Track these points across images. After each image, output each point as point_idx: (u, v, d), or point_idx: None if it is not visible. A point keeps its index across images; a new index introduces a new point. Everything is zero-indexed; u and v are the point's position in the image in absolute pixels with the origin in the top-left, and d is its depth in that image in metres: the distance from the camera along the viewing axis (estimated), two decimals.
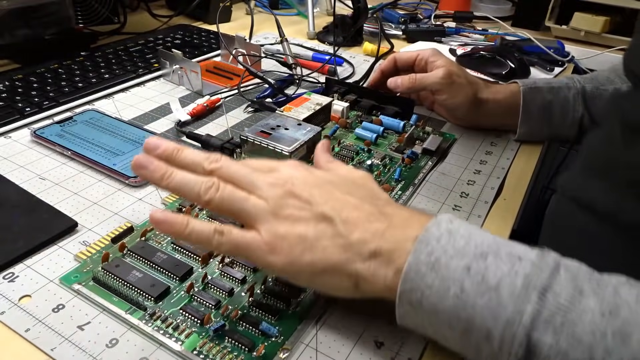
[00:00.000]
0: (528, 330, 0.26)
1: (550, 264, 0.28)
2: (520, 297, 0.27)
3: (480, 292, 0.28)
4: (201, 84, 0.67)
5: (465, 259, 0.29)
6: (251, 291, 0.36)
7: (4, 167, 0.50)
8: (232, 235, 0.32)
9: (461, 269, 0.29)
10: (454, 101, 0.60)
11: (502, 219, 0.49)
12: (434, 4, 1.19)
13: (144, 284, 0.36)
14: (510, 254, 0.29)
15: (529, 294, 0.27)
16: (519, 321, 0.26)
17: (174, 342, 0.33)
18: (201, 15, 0.99)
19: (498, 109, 0.61)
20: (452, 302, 0.28)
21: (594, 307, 0.26)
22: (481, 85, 0.61)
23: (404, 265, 0.30)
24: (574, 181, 0.51)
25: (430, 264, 0.29)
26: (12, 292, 0.36)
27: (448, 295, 0.28)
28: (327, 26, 0.95)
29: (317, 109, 0.58)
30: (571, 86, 0.61)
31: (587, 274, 0.28)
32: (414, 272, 0.29)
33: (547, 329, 0.26)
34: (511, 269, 0.28)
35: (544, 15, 1.02)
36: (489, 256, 0.29)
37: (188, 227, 0.32)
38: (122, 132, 0.56)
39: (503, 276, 0.28)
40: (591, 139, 0.53)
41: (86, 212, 0.45)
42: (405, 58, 0.64)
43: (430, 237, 0.30)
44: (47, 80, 0.66)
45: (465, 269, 0.28)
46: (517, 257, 0.28)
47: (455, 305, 0.28)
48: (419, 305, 0.30)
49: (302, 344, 0.34)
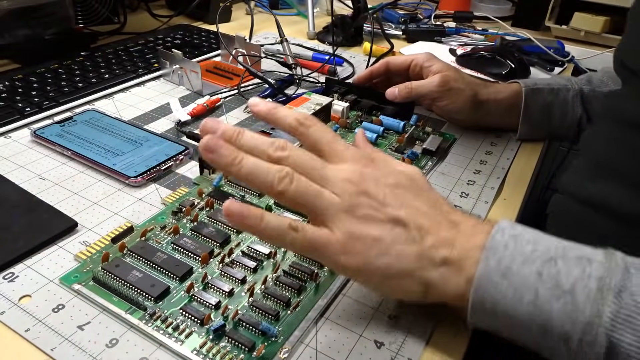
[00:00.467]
0: (608, 331, 0.27)
1: (620, 264, 0.28)
2: (597, 299, 0.27)
3: (555, 296, 0.28)
4: (201, 84, 0.67)
5: (536, 264, 0.29)
6: (251, 291, 0.36)
7: (4, 167, 0.50)
8: (307, 233, 0.31)
9: (534, 275, 0.29)
10: (454, 106, 0.60)
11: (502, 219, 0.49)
12: (434, 4, 1.19)
13: (144, 284, 0.36)
14: (579, 257, 0.29)
15: (605, 296, 0.27)
16: (598, 323, 0.27)
17: (174, 342, 0.33)
18: (201, 15, 0.99)
19: (498, 109, 0.61)
20: (527, 309, 0.29)
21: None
22: (480, 85, 0.61)
23: (474, 273, 0.30)
24: (574, 179, 0.51)
25: (501, 272, 0.29)
26: (12, 292, 0.36)
27: (523, 302, 0.29)
28: (327, 26, 0.95)
29: (317, 109, 0.58)
30: (570, 88, 0.61)
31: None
32: (486, 280, 0.30)
33: (626, 328, 0.26)
34: (583, 272, 0.28)
35: (544, 15, 1.02)
36: (559, 260, 0.29)
37: (263, 222, 0.31)
38: (122, 132, 0.56)
39: (576, 280, 0.28)
40: (588, 137, 0.53)
41: (86, 212, 0.45)
42: (399, 63, 0.63)
43: (497, 245, 0.30)
44: (47, 80, 0.66)
45: (537, 274, 0.29)
46: (587, 260, 0.29)
47: (531, 311, 0.29)
48: (493, 312, 0.30)
49: (302, 344, 0.34)
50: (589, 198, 0.48)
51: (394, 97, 0.61)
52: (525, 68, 0.79)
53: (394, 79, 0.66)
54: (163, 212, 0.44)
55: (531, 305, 0.29)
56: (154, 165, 0.50)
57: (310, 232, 0.32)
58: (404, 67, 0.63)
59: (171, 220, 0.43)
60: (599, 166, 0.49)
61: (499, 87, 0.62)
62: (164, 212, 0.44)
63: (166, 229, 0.42)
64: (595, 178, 0.48)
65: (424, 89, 0.59)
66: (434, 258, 0.31)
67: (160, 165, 0.50)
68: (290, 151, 0.33)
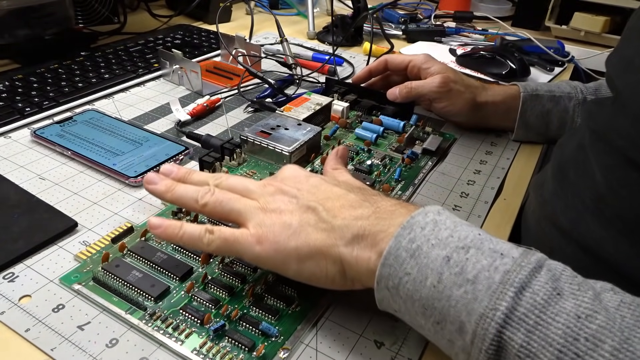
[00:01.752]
0: (500, 327, 0.26)
1: (532, 262, 0.27)
2: (497, 292, 0.26)
3: (457, 283, 0.27)
4: (201, 84, 0.67)
5: (447, 250, 0.29)
6: (251, 291, 0.36)
7: (4, 167, 0.50)
8: (222, 233, 0.34)
9: (441, 259, 0.28)
10: (453, 108, 0.60)
11: (502, 219, 0.49)
12: (434, 4, 1.19)
13: (144, 284, 0.36)
14: (493, 249, 0.28)
15: (506, 290, 0.26)
16: (492, 317, 0.26)
17: (174, 342, 0.33)
18: (201, 15, 0.99)
19: (496, 112, 0.61)
20: (428, 292, 0.28)
21: (571, 309, 0.25)
22: (479, 87, 0.61)
23: (385, 248, 0.30)
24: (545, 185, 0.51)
25: (411, 250, 0.29)
26: (12, 292, 0.36)
27: (425, 284, 0.28)
28: (327, 26, 0.95)
29: (317, 109, 0.58)
30: (572, 96, 0.60)
31: (569, 277, 0.27)
32: (394, 257, 0.30)
33: (520, 327, 0.26)
34: (491, 264, 0.27)
35: (544, 15, 1.02)
36: (471, 249, 0.28)
37: (181, 230, 0.35)
38: (122, 132, 0.56)
39: (482, 270, 0.27)
40: (566, 141, 0.52)
41: (86, 212, 0.45)
42: (397, 62, 0.63)
43: (414, 224, 0.30)
44: (47, 80, 0.66)
45: (445, 259, 0.28)
46: (500, 254, 0.28)
47: (431, 294, 0.28)
48: (396, 291, 0.30)
49: (302, 344, 0.34)
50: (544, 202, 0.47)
51: (394, 97, 0.61)
52: (525, 68, 0.79)
53: (392, 78, 0.66)
54: (163, 212, 0.44)
55: (433, 289, 0.28)
56: (154, 165, 0.50)
57: (224, 231, 0.34)
58: (402, 66, 0.63)
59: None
60: (562, 170, 0.48)
61: (498, 89, 0.62)
62: (164, 212, 0.44)
63: None
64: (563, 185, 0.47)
65: (424, 89, 0.59)
66: (344, 234, 0.32)
67: (160, 165, 0.50)
68: (224, 177, 0.38)
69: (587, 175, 0.43)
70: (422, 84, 0.59)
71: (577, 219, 0.43)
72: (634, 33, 0.43)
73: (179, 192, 0.37)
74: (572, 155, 0.48)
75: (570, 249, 0.45)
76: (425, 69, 0.60)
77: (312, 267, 0.33)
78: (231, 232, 0.34)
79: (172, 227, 0.35)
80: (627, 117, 0.38)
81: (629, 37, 0.44)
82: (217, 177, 0.38)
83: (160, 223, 0.35)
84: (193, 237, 0.35)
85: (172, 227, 0.35)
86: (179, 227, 0.35)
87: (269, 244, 0.33)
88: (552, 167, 0.50)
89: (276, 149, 0.50)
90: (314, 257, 0.32)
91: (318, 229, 0.33)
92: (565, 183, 0.46)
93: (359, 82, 0.67)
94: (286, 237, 0.33)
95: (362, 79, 0.66)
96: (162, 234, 0.35)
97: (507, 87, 0.63)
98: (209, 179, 0.38)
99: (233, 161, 0.51)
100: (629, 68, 0.40)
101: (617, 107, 0.41)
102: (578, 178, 0.44)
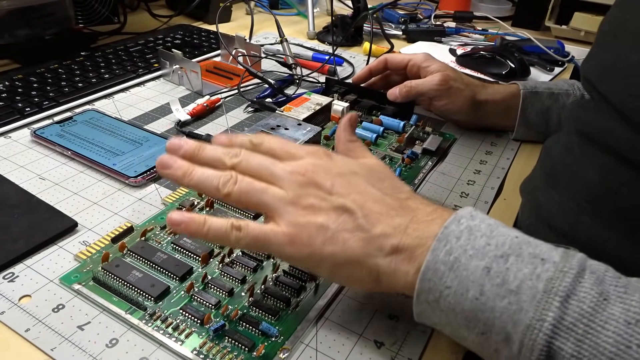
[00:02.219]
0: (549, 337, 0.25)
1: (575, 267, 0.27)
2: (542, 302, 0.26)
3: (500, 295, 0.27)
4: (201, 84, 0.67)
5: (486, 259, 0.28)
6: (251, 291, 0.36)
7: (4, 167, 0.50)
8: (250, 229, 0.32)
9: (480, 270, 0.28)
10: (453, 106, 0.60)
11: (502, 219, 0.48)
12: (434, 4, 1.19)
13: (144, 284, 0.36)
14: (533, 254, 0.28)
15: (551, 299, 0.26)
16: (539, 328, 0.25)
17: (174, 342, 0.33)
18: (201, 15, 0.99)
19: (497, 110, 0.61)
20: (471, 305, 0.28)
21: (619, 315, 0.25)
22: (479, 86, 0.61)
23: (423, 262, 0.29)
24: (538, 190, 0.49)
25: (449, 263, 0.28)
26: (12, 292, 0.36)
27: (467, 297, 0.28)
28: (327, 26, 0.95)
29: (317, 109, 0.58)
30: (570, 93, 0.61)
31: (614, 278, 0.27)
32: (432, 271, 0.29)
33: (569, 337, 0.25)
34: (533, 272, 0.27)
35: (544, 15, 1.02)
36: (510, 257, 0.28)
37: (206, 225, 0.32)
38: (122, 132, 0.56)
39: (524, 279, 0.27)
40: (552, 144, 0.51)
41: (86, 212, 0.45)
42: (397, 61, 0.63)
43: (449, 235, 0.29)
44: (47, 80, 0.66)
45: (485, 270, 0.28)
46: (540, 259, 0.27)
47: (474, 307, 0.28)
48: (437, 305, 0.29)
49: (302, 344, 0.34)
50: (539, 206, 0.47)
51: (394, 97, 0.61)
52: (525, 68, 0.79)
53: (392, 78, 0.66)
54: (163, 212, 0.44)
55: (475, 301, 0.27)
56: (154, 165, 0.50)
57: (253, 228, 0.32)
58: (401, 65, 0.63)
59: None
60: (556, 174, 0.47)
61: (498, 88, 0.62)
62: (164, 212, 0.44)
63: (166, 229, 0.42)
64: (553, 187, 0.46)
65: (424, 87, 0.59)
66: (383, 245, 0.31)
67: None
68: (243, 156, 0.34)
69: (579, 178, 0.43)
70: (421, 82, 0.59)
71: (575, 222, 0.43)
72: (608, 37, 0.42)
73: (198, 177, 0.33)
74: (560, 158, 0.47)
75: None
76: (424, 68, 0.60)
77: (347, 273, 0.32)
78: (260, 230, 0.32)
79: (195, 224, 0.32)
80: (620, 121, 0.37)
81: (604, 42, 0.43)
82: (232, 153, 0.34)
83: (181, 219, 0.32)
84: (219, 234, 0.32)
85: (196, 224, 0.32)
86: (203, 222, 0.32)
87: (303, 246, 0.31)
88: (541, 173, 0.49)
89: None
90: (350, 265, 0.31)
91: (356, 237, 0.31)
92: (558, 188, 0.45)
93: (360, 81, 0.67)
94: (322, 241, 0.31)
95: (363, 79, 0.66)
96: (185, 230, 0.32)
97: (507, 86, 0.63)
98: (224, 157, 0.34)
99: None
100: (613, 72, 0.39)
101: (605, 111, 0.40)
102: (570, 181, 0.44)
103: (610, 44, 0.42)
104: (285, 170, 0.33)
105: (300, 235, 0.31)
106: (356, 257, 0.31)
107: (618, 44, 0.40)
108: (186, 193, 0.47)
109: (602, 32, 0.45)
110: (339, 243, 0.31)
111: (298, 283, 0.37)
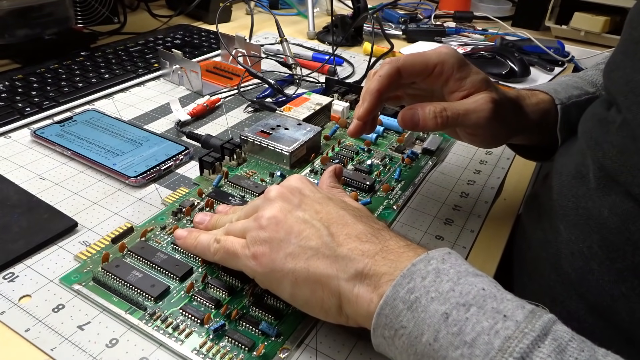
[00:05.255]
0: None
1: (537, 329, 0.24)
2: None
3: (453, 344, 0.25)
4: (201, 84, 0.67)
5: (446, 305, 0.26)
6: (251, 291, 0.36)
7: (4, 167, 0.50)
8: (225, 243, 0.34)
9: (439, 315, 0.26)
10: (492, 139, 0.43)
11: (502, 219, 0.49)
12: (434, 4, 1.19)
13: (144, 284, 0.36)
14: (496, 309, 0.26)
15: (504, 359, 0.24)
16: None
17: (174, 342, 0.33)
18: (201, 15, 0.99)
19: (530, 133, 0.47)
20: (424, 349, 0.26)
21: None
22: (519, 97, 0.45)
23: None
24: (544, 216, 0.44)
25: (409, 302, 0.27)
26: (12, 292, 0.36)
27: (420, 341, 0.26)
28: (327, 26, 0.95)
29: (317, 109, 0.58)
30: (597, 95, 0.49)
31: (577, 350, 0.24)
32: (390, 307, 0.28)
33: None
34: (492, 327, 0.25)
35: (544, 15, 1.02)
36: (472, 307, 0.26)
37: (196, 240, 0.37)
38: (122, 132, 0.56)
39: (482, 332, 0.25)
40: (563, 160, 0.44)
41: (86, 212, 0.45)
42: (417, 69, 0.40)
43: (415, 273, 0.28)
44: (47, 80, 0.66)
45: (444, 315, 0.26)
46: (503, 315, 0.25)
47: (426, 352, 0.26)
48: (391, 341, 0.28)
49: (302, 344, 0.34)
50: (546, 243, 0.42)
51: (414, 125, 0.38)
52: (525, 68, 0.79)
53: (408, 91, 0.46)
54: (163, 212, 0.44)
55: (428, 346, 0.26)
56: (154, 165, 0.50)
57: (227, 242, 0.34)
58: (426, 72, 0.40)
59: (171, 220, 0.43)
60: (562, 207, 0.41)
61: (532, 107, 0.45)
62: (164, 212, 0.44)
63: (166, 229, 0.42)
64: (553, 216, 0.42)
65: (469, 118, 0.38)
66: (347, 268, 0.30)
67: (160, 165, 0.50)
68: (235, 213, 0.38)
69: (593, 215, 0.37)
70: (464, 110, 0.38)
71: (584, 269, 0.37)
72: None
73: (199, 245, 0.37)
74: (570, 186, 0.40)
75: (574, 305, 0.39)
76: (458, 80, 0.39)
77: (308, 294, 0.31)
78: (232, 244, 0.34)
79: (190, 238, 0.37)
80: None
81: (635, 52, 0.36)
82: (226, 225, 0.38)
83: (181, 234, 0.38)
84: (203, 247, 0.36)
85: (190, 238, 0.37)
86: (195, 237, 0.37)
87: (265, 259, 0.32)
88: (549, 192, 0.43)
89: (276, 149, 0.50)
90: (311, 284, 0.31)
91: (320, 254, 0.30)
92: (567, 222, 0.40)
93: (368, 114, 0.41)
94: (284, 256, 0.31)
95: (372, 111, 0.41)
96: (182, 244, 0.38)
97: (539, 101, 0.46)
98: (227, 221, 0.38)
99: (233, 161, 0.51)
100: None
101: (630, 138, 0.34)
102: (581, 218, 0.38)
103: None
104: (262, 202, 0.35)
105: (263, 249, 0.32)
106: (318, 276, 0.30)
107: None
108: (186, 193, 0.47)
109: (632, 38, 0.37)
110: (301, 259, 0.31)
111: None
